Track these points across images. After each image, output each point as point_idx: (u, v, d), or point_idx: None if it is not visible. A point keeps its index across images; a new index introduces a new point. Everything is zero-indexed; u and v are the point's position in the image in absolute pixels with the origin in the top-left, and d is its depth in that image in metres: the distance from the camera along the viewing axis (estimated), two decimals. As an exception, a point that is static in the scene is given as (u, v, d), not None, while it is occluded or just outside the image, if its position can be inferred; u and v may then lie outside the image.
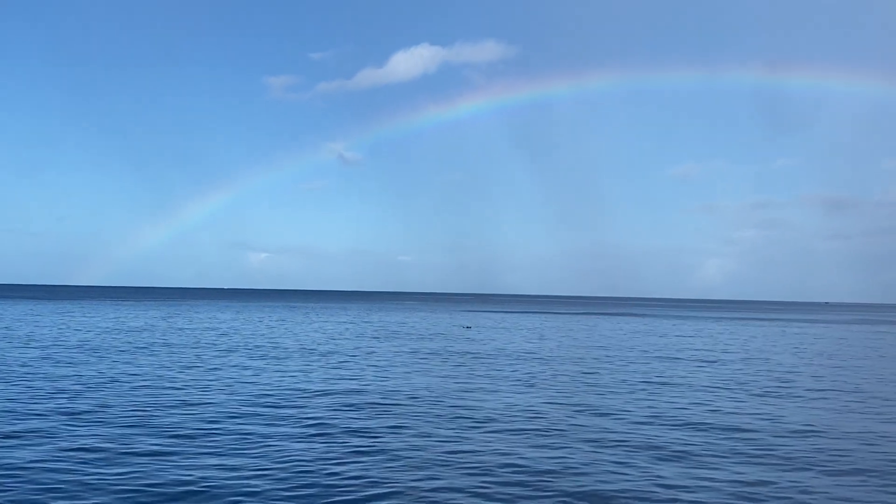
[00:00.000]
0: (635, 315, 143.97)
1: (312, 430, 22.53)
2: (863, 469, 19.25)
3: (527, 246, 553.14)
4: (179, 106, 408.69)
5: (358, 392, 30.40)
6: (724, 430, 23.94)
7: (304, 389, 30.91)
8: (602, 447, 21.05)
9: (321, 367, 39.91)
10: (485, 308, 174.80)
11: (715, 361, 47.42)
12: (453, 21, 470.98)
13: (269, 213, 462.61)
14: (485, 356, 47.72)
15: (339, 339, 60.51)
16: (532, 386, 33.66)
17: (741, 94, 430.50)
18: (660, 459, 19.67)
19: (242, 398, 28.25)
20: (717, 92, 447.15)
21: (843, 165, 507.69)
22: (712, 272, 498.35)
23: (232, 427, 22.67)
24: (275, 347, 51.44)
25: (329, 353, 48.34)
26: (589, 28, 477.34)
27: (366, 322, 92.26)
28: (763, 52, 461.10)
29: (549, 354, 49.98)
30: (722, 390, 33.43)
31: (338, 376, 35.54)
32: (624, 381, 36.08)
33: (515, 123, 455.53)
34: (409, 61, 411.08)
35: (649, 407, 28.18)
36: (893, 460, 20.39)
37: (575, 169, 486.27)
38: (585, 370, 40.61)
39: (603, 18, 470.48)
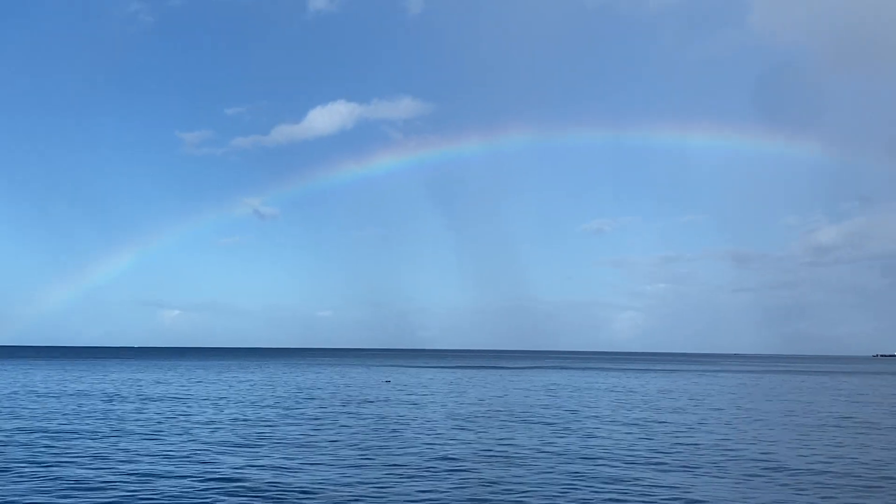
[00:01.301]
0: (551, 368, 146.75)
1: None
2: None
3: (444, 301, 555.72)
4: (90, 161, 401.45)
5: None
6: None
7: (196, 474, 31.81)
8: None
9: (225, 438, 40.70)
10: (403, 363, 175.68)
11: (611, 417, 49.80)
12: (370, 78, 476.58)
13: (182, 270, 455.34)
14: (406, 419, 49.07)
15: (250, 400, 61.05)
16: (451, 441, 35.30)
17: (650, 152, 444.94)
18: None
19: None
20: (627, 150, 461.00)
21: (747, 221, 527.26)
22: (625, 325, 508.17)
23: None
24: (180, 413, 51.86)
25: (239, 420, 49.06)
26: (502, 86, 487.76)
27: (277, 380, 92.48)
28: (670, 112, 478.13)
29: (472, 412, 51.64)
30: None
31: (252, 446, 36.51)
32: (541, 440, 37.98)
33: (432, 179, 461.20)
34: (326, 117, 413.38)
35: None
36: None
37: (491, 224, 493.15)
38: (507, 429, 42.39)
39: (515, 77, 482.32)
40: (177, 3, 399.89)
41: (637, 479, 25.43)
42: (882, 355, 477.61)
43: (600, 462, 28.75)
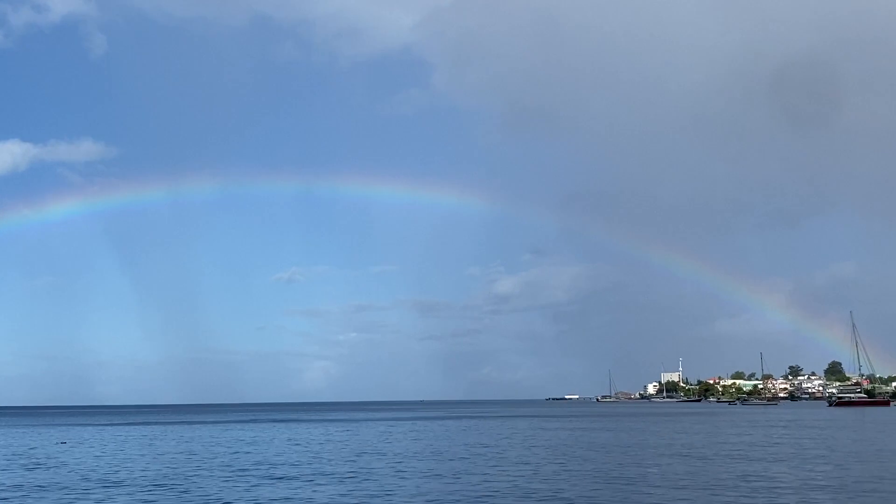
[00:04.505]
0: (237, 422, 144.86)
1: None
2: None
3: (127, 354, 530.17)
4: None
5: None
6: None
7: None
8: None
9: None
10: (81, 421, 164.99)
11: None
12: (47, 117, 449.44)
13: None
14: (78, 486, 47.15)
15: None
16: None
17: (341, 204, 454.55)
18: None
19: None
20: (318, 200, 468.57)
21: (434, 272, 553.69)
22: (317, 375, 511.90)
23: None
24: None
25: None
26: (189, 133, 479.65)
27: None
28: (359, 165, 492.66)
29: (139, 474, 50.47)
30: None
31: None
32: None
33: (115, 226, 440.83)
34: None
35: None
36: None
37: (178, 274, 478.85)
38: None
39: (203, 124, 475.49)
40: None
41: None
42: (553, 398, 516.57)
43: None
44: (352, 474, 43.11)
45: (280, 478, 41.57)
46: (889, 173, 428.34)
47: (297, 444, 70.25)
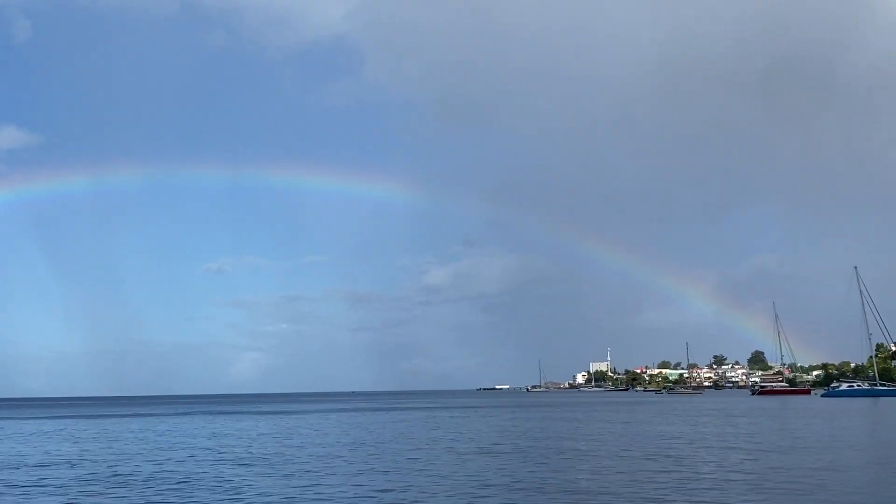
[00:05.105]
0: (164, 415, 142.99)
1: None
2: None
3: (52, 346, 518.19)
4: None
5: None
6: None
7: None
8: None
9: None
10: (3, 415, 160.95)
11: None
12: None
13: None
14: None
15: None
16: None
17: (270, 194, 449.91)
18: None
19: None
20: (247, 190, 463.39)
21: (365, 263, 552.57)
22: (246, 366, 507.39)
23: None
24: None
25: None
26: (116, 121, 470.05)
27: None
28: (289, 155, 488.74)
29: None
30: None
31: None
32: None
33: (38, 215, 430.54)
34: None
35: None
36: None
37: (104, 264, 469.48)
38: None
39: (130, 111, 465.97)
40: None
41: None
42: (484, 388, 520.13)
43: None
44: (281, 468, 43.05)
45: (207, 474, 41.31)
46: (809, 167, 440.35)
47: (225, 438, 69.69)
